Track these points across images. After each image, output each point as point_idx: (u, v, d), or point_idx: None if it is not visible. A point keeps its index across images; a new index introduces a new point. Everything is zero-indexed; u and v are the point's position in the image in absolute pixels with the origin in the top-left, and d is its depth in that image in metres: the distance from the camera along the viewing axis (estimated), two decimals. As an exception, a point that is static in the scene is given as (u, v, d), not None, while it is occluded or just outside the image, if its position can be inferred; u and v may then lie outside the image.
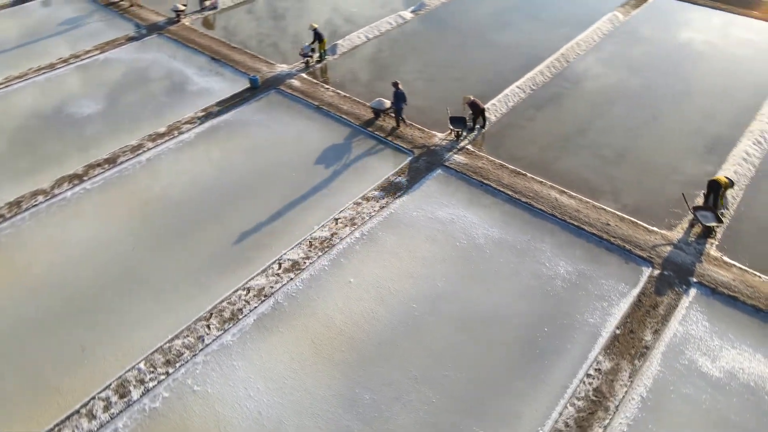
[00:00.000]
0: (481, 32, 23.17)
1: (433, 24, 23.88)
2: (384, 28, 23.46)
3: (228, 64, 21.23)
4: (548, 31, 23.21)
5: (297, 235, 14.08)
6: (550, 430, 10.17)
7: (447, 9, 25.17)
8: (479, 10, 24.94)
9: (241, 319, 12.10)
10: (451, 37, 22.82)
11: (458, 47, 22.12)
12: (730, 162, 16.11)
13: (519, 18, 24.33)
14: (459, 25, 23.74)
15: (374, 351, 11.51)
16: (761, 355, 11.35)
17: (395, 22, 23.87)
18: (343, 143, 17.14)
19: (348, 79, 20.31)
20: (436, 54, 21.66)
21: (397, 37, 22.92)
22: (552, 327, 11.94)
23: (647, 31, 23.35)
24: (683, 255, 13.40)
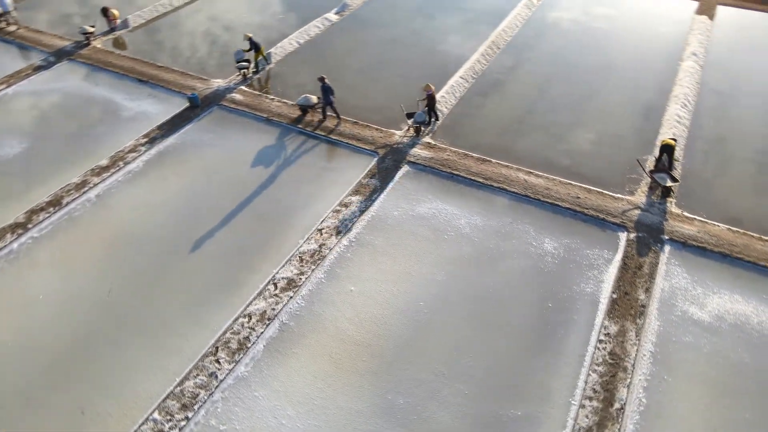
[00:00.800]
0: (409, 27, 23.50)
1: (360, 24, 23.89)
2: (313, 32, 23.16)
3: (159, 84, 20.04)
4: (472, 20, 23.97)
5: (284, 251, 13.65)
6: (581, 398, 10.63)
7: (370, 7, 25.26)
8: (401, 6, 25.24)
9: (251, 347, 11.57)
10: (381, 35, 22.95)
11: (391, 44, 22.30)
12: (666, 126, 17.53)
13: (441, 10, 24.90)
14: (386, 22, 23.92)
15: (394, 354, 11.44)
16: (738, 296, 12.51)
17: (322, 25, 23.63)
18: (304, 152, 16.78)
19: (290, 86, 19.87)
20: (372, 53, 21.71)
21: (329, 40, 22.70)
22: (554, 301, 12.45)
23: (562, 12, 24.74)
24: (650, 216, 14.44)
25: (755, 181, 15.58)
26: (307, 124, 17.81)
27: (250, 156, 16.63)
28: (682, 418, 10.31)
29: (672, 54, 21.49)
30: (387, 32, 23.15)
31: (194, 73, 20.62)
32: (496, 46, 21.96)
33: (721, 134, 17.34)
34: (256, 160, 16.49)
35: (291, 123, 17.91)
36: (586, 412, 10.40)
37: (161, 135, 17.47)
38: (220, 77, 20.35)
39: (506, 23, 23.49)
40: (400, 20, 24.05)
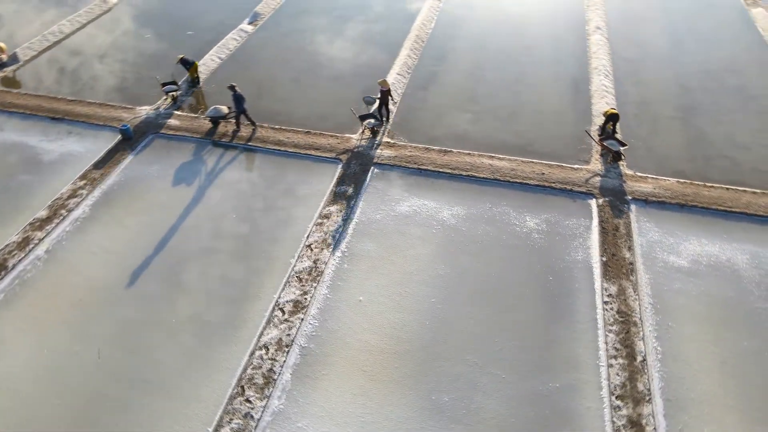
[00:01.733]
0: (328, 30, 23.28)
1: (277, 32, 23.27)
2: (232, 45, 22.23)
3: (76, 120, 18.27)
4: (389, 17, 24.22)
5: (279, 274, 13.10)
6: (606, 359, 11.28)
7: (282, 14, 24.68)
8: (313, 11, 24.90)
9: (278, 378, 11.03)
10: (302, 41, 22.52)
11: (315, 49, 21.96)
12: (596, 96, 18.92)
13: (355, 10, 24.88)
14: (302, 27, 23.49)
15: (423, 354, 11.44)
16: (703, 239, 13.88)
17: (239, 37, 22.75)
18: (264, 169, 16.15)
19: (224, 103, 18.91)
20: (299, 60, 21.26)
21: (251, 52, 21.91)
22: (553, 274, 13.07)
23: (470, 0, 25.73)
24: (610, 180, 15.55)
25: (684, 135, 17.27)
26: (264, 141, 17.13)
27: (207, 182, 15.70)
28: (694, 357, 11.28)
29: (578, 29, 23.14)
30: (307, 37, 22.77)
31: (115, 103, 19.01)
32: (421, 40, 22.40)
33: (644, 98, 19.01)
34: (217, 184, 15.61)
35: (243, 142, 17.12)
36: (615, 371, 11.06)
37: (101, 174, 15.96)
38: (146, 104, 18.94)
39: (422, 17, 23.99)
40: (316, 25, 23.75)
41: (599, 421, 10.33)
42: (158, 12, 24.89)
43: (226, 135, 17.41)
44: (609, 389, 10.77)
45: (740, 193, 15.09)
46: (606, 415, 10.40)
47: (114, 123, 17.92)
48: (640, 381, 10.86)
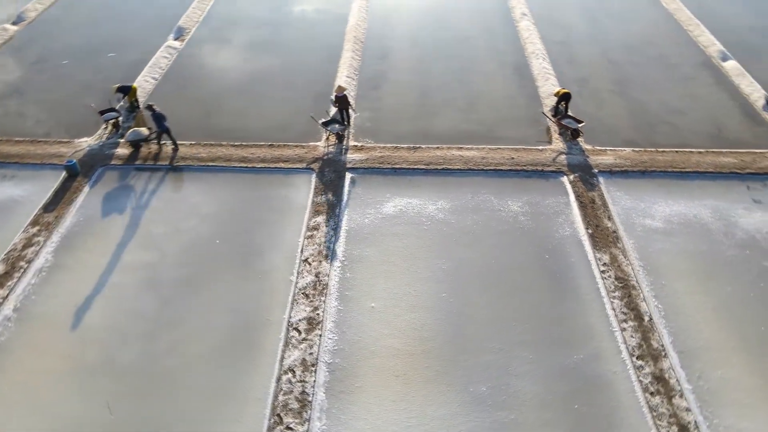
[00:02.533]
0: (263, 38, 22.61)
1: (209, 45, 22.29)
2: (164, 63, 21.04)
3: (8, 162, 16.56)
4: (320, 21, 23.95)
5: (283, 293, 12.66)
6: (618, 323, 11.94)
7: (209, 27, 23.64)
8: (243, 21, 24.11)
9: (312, 400, 10.68)
10: (239, 52, 21.73)
11: (254, 57, 21.28)
12: (540, 79, 19.82)
13: (283, 17, 24.37)
14: (235, 38, 22.66)
15: (450, 349, 11.55)
16: (670, 200, 15.01)
17: (169, 54, 21.58)
18: (236, 189, 15.48)
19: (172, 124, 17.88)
20: (242, 71, 20.52)
21: (187, 68, 20.86)
22: (548, 252, 13.62)
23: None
24: (575, 157, 16.40)
25: (626, 107, 18.53)
26: (228, 159, 16.40)
27: (177, 210, 14.82)
28: (691, 309, 12.22)
29: (505, 17, 24.10)
30: (243, 48, 22.03)
31: (48, 138, 17.42)
32: (359, 41, 22.37)
33: (582, 76, 20.17)
34: (188, 211, 14.77)
35: (204, 163, 16.31)
36: (629, 334, 11.74)
37: (55, 217, 14.60)
38: (84, 135, 17.52)
39: (355, 18, 23.94)
40: (248, 35, 23.02)
41: (627, 382, 10.92)
42: (68, 35, 23.04)
43: (184, 158, 16.49)
44: (628, 351, 11.41)
45: (688, 155, 16.45)
46: (632, 376, 11.01)
47: (54, 160, 16.43)
48: (653, 339, 11.60)
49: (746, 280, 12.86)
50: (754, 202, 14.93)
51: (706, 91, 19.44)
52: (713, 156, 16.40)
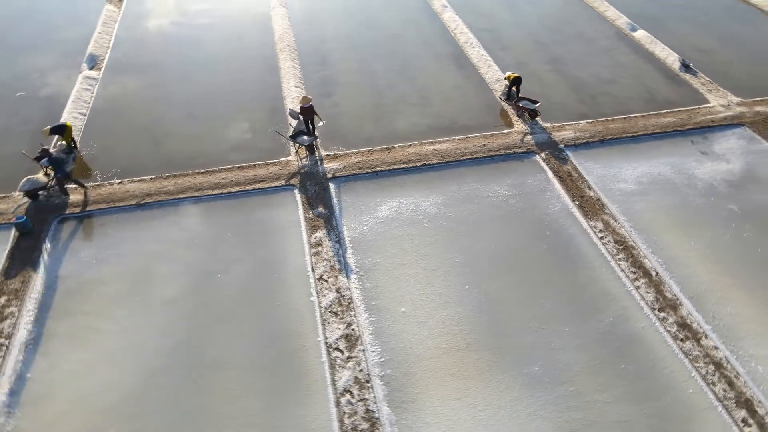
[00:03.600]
0: (189, 58, 21.34)
1: (132, 70, 20.67)
2: (87, 96, 19.22)
3: (-64, 229, 14.40)
4: (243, 34, 23.08)
5: (309, 316, 12.19)
6: (631, 283, 12.81)
7: (124, 51, 21.89)
8: (154, 41, 22.57)
9: (380, 415, 10.44)
10: (168, 74, 20.34)
11: (190, 79, 20.05)
12: (483, 67, 20.56)
13: (203, 33, 23.19)
14: (157, 60, 21.19)
15: (492, 337, 11.78)
16: (634, 163, 16.27)
17: (90, 86, 19.76)
18: (218, 217, 14.58)
19: (118, 157, 16.45)
20: (179, 94, 19.25)
21: (116, 98, 19.19)
22: (547, 229, 14.26)
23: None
24: (539, 136, 17.25)
25: (565, 82, 19.76)
26: (199, 189, 15.37)
27: (160, 251, 13.69)
28: (686, 258, 13.39)
29: (427, 11, 24.66)
30: (171, 70, 20.66)
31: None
32: (293, 49, 21.84)
33: (517, 60, 21.18)
34: (173, 250, 13.70)
35: (173, 196, 15.19)
36: (643, 290, 12.64)
37: (21, 282, 12.92)
38: (22, 187, 15.59)
39: (278, 26, 23.32)
40: (170, 56, 21.62)
41: (658, 334, 11.78)
42: (-37, 78, 20.34)
43: (149, 195, 15.25)
44: (649, 306, 12.29)
45: (634, 120, 17.91)
46: (659, 328, 11.88)
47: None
48: (666, 291, 12.59)
49: (719, 223, 14.29)
50: (702, 154, 16.60)
51: (627, 59, 21.21)
52: (655, 118, 17.97)
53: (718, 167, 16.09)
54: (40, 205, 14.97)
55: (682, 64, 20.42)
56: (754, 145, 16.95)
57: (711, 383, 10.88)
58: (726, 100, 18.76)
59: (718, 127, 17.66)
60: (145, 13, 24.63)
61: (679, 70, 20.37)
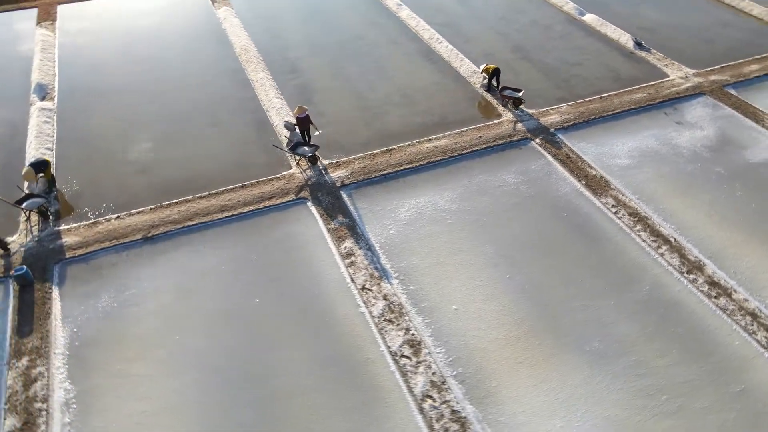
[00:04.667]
0: (151, 79, 20.15)
1: (91, 96, 19.21)
2: (47, 129, 17.68)
3: None
4: (196, 50, 22.13)
5: (364, 328, 11.98)
6: (654, 251, 13.58)
7: (74, 77, 20.30)
8: (106, 66, 21.12)
9: (465, 414, 10.46)
10: (132, 99, 19.07)
11: (159, 101, 18.93)
12: (454, 61, 20.91)
13: (148, 52, 21.97)
14: (114, 85, 19.81)
15: (545, 321, 12.09)
16: (622, 139, 17.22)
17: (48, 117, 18.20)
18: (238, 241, 13.95)
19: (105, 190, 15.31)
20: (150, 116, 18.12)
21: (83, 128, 17.75)
22: (563, 210, 14.79)
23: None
24: (529, 122, 17.83)
25: (536, 69, 20.51)
26: (207, 213, 14.60)
27: (188, 283, 12.90)
28: (694, 221, 14.35)
29: (383, 10, 24.72)
30: (134, 93, 19.39)
31: (-46, 252, 13.78)
32: (259, 59, 21.18)
33: (486, 51, 21.71)
34: (200, 281, 12.97)
35: (181, 225, 14.36)
36: (667, 256, 13.43)
37: (40, 339, 11.76)
38: (6, 235, 14.15)
39: (236, 38, 22.53)
40: (129, 77, 20.29)
41: (693, 296, 12.57)
42: None
43: (154, 226, 14.33)
44: (678, 270, 13.09)
45: (609, 99, 18.92)
46: (693, 290, 12.69)
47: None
48: (688, 254, 13.45)
49: (712, 186, 15.43)
50: (678, 124, 17.82)
51: (584, 42, 22.33)
52: (627, 95, 19.08)
53: (695, 134, 17.34)
54: (33, 251, 13.66)
55: (635, 43, 21.77)
56: (718, 111, 18.41)
57: (752, 333, 11.76)
58: (683, 72, 20.22)
59: (683, 98, 19.01)
60: (83, 34, 22.96)
61: (633, 48, 21.70)
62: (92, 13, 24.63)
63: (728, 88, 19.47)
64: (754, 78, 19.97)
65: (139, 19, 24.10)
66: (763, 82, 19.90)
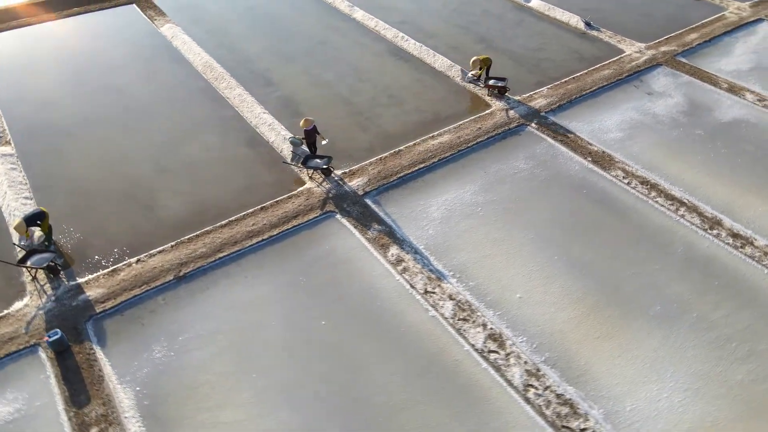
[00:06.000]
0: (104, 115, 18.66)
1: (50, 135, 17.46)
2: (19, 177, 15.88)
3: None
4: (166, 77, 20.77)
5: (441, 331, 11.93)
6: (674, 212, 14.59)
7: (18, 114, 18.34)
8: (62, 102, 19.30)
9: (569, 397, 10.75)
10: (99, 132, 17.60)
11: (123, 131, 17.57)
12: (427, 56, 21.14)
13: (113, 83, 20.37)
14: (75, 118, 18.15)
15: (607, 294, 12.65)
16: (606, 113, 18.24)
17: (14, 164, 16.31)
18: (277, 265, 13.31)
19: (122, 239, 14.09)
20: (135, 149, 16.79)
21: (58, 172, 16.09)
22: (581, 187, 15.49)
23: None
24: (518, 109, 18.44)
25: (507, 58, 21.19)
26: (235, 241, 13.80)
27: (240, 318, 12.19)
28: (700, 181, 15.55)
29: (337, 13, 24.44)
30: (98, 127, 17.82)
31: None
32: (226, 77, 20.24)
33: (452, 45, 22.11)
34: (253, 314, 12.28)
35: (212, 259, 13.49)
36: (687, 217, 14.49)
37: (102, 404, 10.63)
38: (15, 300, 12.58)
39: (195, 54, 21.37)
40: (92, 110, 18.61)
41: (721, 249, 13.67)
42: None
43: (183, 264, 13.36)
44: (701, 228, 14.16)
45: (580, 78, 19.98)
46: (720, 244, 13.79)
47: (12, 347, 11.59)
48: (704, 212, 14.59)
49: (699, 147, 16.81)
50: (648, 95, 19.17)
51: (539, 27, 23.36)
52: (596, 72, 20.25)
53: (667, 102, 18.76)
54: (54, 312, 12.28)
55: (585, 23, 23.08)
56: (678, 79, 20.02)
57: (782, 273, 13.02)
58: (636, 47, 21.76)
59: (644, 70, 20.47)
60: (18, 66, 20.72)
61: (585, 29, 23.01)
62: (21, 41, 22.28)
63: (678, 57, 21.18)
64: (696, 46, 21.88)
65: (79, 44, 22.13)
66: (704, 48, 21.88)
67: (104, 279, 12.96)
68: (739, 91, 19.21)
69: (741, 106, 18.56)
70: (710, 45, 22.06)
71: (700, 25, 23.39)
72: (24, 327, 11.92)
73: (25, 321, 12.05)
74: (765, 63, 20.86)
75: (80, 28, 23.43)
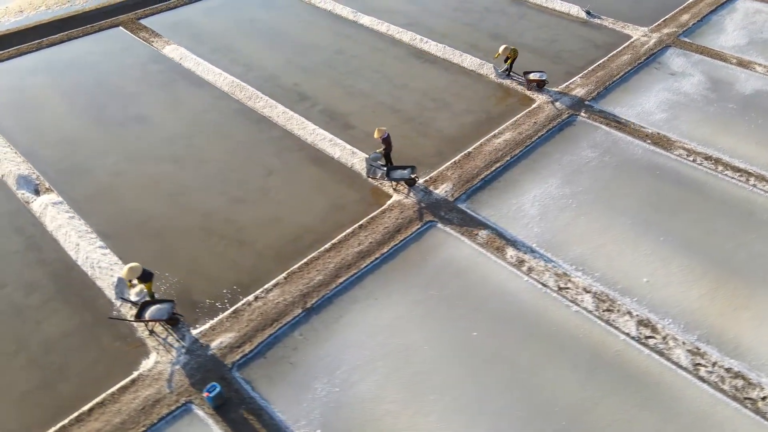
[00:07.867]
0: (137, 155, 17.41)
1: (91, 178, 16.02)
2: (80, 226, 14.47)
3: None
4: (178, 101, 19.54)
5: (586, 326, 12.12)
6: (744, 182, 15.58)
7: (49, 162, 16.70)
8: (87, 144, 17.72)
9: (738, 369, 11.28)
10: (145, 171, 16.37)
11: (169, 169, 16.49)
12: (453, 57, 21.24)
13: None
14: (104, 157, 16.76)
15: (723, 267, 13.34)
16: (641, 97, 19.11)
17: (70, 211, 14.84)
18: (400, 283, 12.97)
19: (228, 278, 13.22)
20: (179, 185, 15.77)
21: (124, 217, 14.78)
22: (654, 168, 16.15)
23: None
24: (563, 100, 18.92)
25: (527, 51, 21.63)
26: (348, 265, 13.28)
27: (391, 343, 11.79)
28: (729, 144, 16.75)
29: (344, 21, 23.98)
30: (143, 164, 16.60)
31: (96, 397, 10.88)
32: (260, 97, 19.37)
33: (470, 42, 22.32)
34: (400, 337, 11.93)
35: (333, 286, 12.94)
36: (759, 186, 15.50)
37: (286, 457, 9.96)
38: (141, 358, 11.52)
39: (224, 82, 20.28)
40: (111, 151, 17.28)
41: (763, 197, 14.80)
42: None
43: (305, 295, 12.72)
44: (742, 181, 15.28)
45: (605, 65, 20.81)
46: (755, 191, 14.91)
47: (153, 415, 10.58)
48: (730, 166, 15.66)
49: (738, 119, 18.04)
50: (671, 75, 20.29)
51: (543, 19, 24.06)
52: (617, 59, 21.15)
53: (692, 81, 19.94)
54: (192, 366, 11.34)
55: (586, 12, 24.02)
56: (691, 58, 21.31)
57: None
58: (640, 32, 22.92)
59: (657, 53, 21.61)
60: (20, 103, 18.78)
61: (587, 17, 23.95)
62: (9, 77, 20.18)
63: (681, 37, 22.54)
64: (692, 26, 23.37)
65: (79, 74, 20.36)
66: (700, 27, 23.41)
67: (229, 322, 12.11)
68: (748, 65, 20.72)
69: (756, 78, 20.04)
70: (703, 24, 23.61)
71: (687, 5, 24.94)
72: (166, 386, 10.91)
73: (164, 379, 11.03)
74: (756, 37, 22.61)
75: (72, 56, 21.58)
